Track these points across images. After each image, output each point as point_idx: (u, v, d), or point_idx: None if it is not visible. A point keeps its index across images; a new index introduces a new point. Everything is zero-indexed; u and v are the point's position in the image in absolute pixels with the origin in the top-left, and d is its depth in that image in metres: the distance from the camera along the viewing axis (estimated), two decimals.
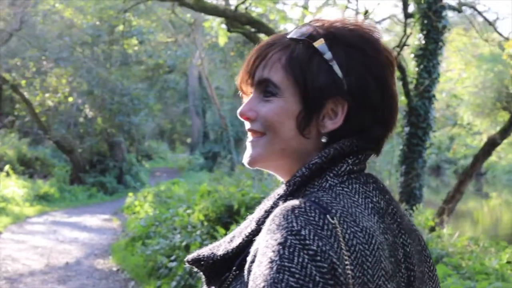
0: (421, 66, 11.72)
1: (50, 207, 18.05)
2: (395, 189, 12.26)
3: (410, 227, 1.35)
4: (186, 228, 8.90)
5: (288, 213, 1.15)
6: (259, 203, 1.35)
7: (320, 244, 1.10)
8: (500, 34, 14.34)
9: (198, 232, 8.39)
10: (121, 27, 21.99)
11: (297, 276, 1.06)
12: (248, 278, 1.16)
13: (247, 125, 1.37)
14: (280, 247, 1.10)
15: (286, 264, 1.08)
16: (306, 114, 1.30)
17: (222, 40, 14.77)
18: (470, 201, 27.12)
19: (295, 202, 1.17)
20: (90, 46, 22.90)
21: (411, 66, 12.23)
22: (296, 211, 1.15)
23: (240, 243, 1.27)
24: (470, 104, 21.44)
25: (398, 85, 10.44)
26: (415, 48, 11.92)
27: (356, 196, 1.25)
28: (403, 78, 11.58)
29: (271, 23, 18.67)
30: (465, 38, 23.20)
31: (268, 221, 1.17)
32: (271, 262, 1.09)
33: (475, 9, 13.72)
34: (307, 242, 1.10)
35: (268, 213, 1.26)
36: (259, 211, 1.31)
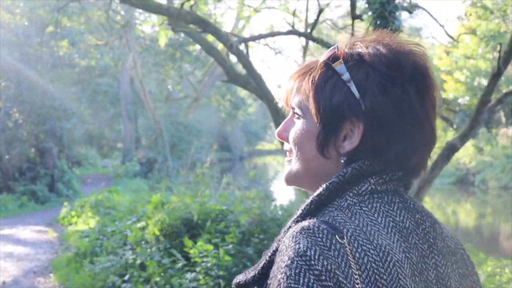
0: None
1: None
2: None
3: (450, 249, 1.38)
4: (140, 243, 8.14)
5: (297, 234, 1.21)
6: (222, 215, 1.81)
7: (326, 263, 1.17)
8: (450, 37, 14.14)
9: (154, 249, 7.69)
10: (50, 28, 21.05)
11: None
12: None
13: (285, 145, 1.46)
14: (287, 268, 1.17)
15: (292, 285, 1.15)
16: (324, 135, 1.35)
17: (162, 41, 14.21)
18: None
19: (305, 223, 1.24)
20: (19, 47, 21.77)
21: None
22: (304, 232, 1.21)
23: (264, 263, 1.30)
24: None
25: None
26: None
27: (376, 215, 1.29)
28: None
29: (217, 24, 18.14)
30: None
31: (281, 242, 1.24)
32: (279, 284, 1.17)
33: (426, 11, 13.42)
34: (313, 262, 1.17)
35: (286, 232, 1.29)
36: (283, 230, 1.33)
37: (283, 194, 16.25)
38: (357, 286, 1.17)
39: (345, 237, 1.21)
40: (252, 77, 12.37)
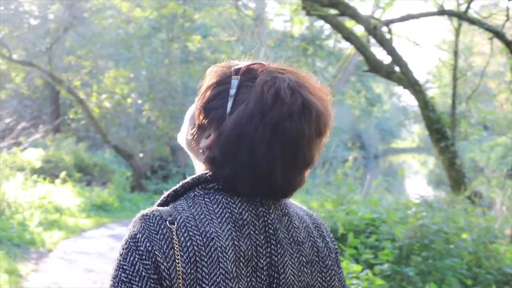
0: None
1: (109, 218, 16.29)
2: None
3: (295, 239, 1.56)
4: None
5: (137, 219, 1.49)
6: (372, 225, 1.66)
7: (148, 245, 1.42)
8: None
9: None
10: (181, 21, 20.45)
11: (127, 272, 1.41)
12: None
13: None
14: (122, 248, 1.47)
15: (121, 262, 1.44)
16: (196, 129, 1.61)
17: (296, 29, 13.15)
18: None
19: (146, 210, 1.50)
20: (148, 41, 21.25)
21: None
22: (142, 218, 1.48)
23: None
24: None
25: None
26: None
27: (214, 206, 1.50)
28: None
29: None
30: None
31: None
32: (115, 260, 1.46)
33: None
34: (138, 244, 1.43)
35: None
36: None
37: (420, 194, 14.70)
38: (177, 265, 1.40)
39: (175, 223, 1.45)
40: (398, 64, 11.02)
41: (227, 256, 1.43)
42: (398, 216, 6.50)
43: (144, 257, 1.41)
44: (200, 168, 1.62)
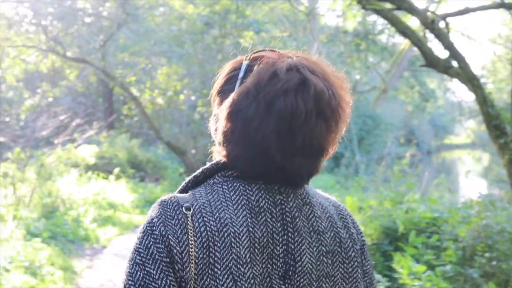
0: None
1: None
2: None
3: (315, 229, 1.57)
4: None
5: (156, 205, 1.55)
6: (434, 225, 1.72)
7: (162, 229, 1.48)
8: None
9: None
10: (233, 17, 20.39)
11: (142, 254, 1.47)
12: None
13: None
14: (140, 231, 1.52)
15: (137, 245, 1.50)
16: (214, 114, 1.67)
17: (350, 24, 12.92)
18: None
19: (165, 196, 1.56)
20: (200, 37, 21.23)
21: None
22: (160, 204, 1.54)
23: None
24: None
25: None
26: None
27: (231, 193, 1.54)
28: None
29: None
30: None
31: None
32: (134, 243, 1.52)
33: None
34: (154, 228, 1.49)
35: None
36: None
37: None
38: (190, 249, 1.45)
39: (191, 209, 1.50)
40: (456, 59, 10.73)
41: (240, 242, 1.46)
42: (460, 215, 6.27)
43: (158, 240, 1.47)
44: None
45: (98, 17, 20.76)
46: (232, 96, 1.54)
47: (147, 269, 1.45)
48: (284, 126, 1.48)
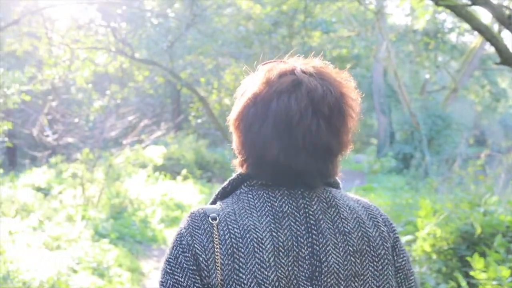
0: None
1: None
2: None
3: (341, 230, 1.61)
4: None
5: (185, 217, 1.65)
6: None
7: (189, 239, 1.58)
8: None
9: (425, 269, 6.06)
10: (302, 17, 20.21)
11: (171, 264, 1.58)
12: None
13: None
14: (171, 242, 1.63)
15: (168, 255, 1.61)
16: None
17: (421, 23, 12.61)
18: None
19: (194, 208, 1.65)
20: (268, 37, 21.09)
21: None
22: (189, 215, 1.64)
23: None
24: None
25: None
26: None
27: (256, 201, 1.61)
28: None
29: None
30: None
31: None
32: (166, 253, 1.63)
33: None
34: (182, 238, 1.59)
35: None
36: None
37: None
38: (216, 257, 1.53)
39: (217, 219, 1.58)
40: None
41: (263, 246, 1.53)
42: None
43: (185, 250, 1.57)
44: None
45: (166, 18, 20.84)
46: (235, 109, 1.67)
47: (176, 277, 1.56)
48: (281, 127, 1.56)
